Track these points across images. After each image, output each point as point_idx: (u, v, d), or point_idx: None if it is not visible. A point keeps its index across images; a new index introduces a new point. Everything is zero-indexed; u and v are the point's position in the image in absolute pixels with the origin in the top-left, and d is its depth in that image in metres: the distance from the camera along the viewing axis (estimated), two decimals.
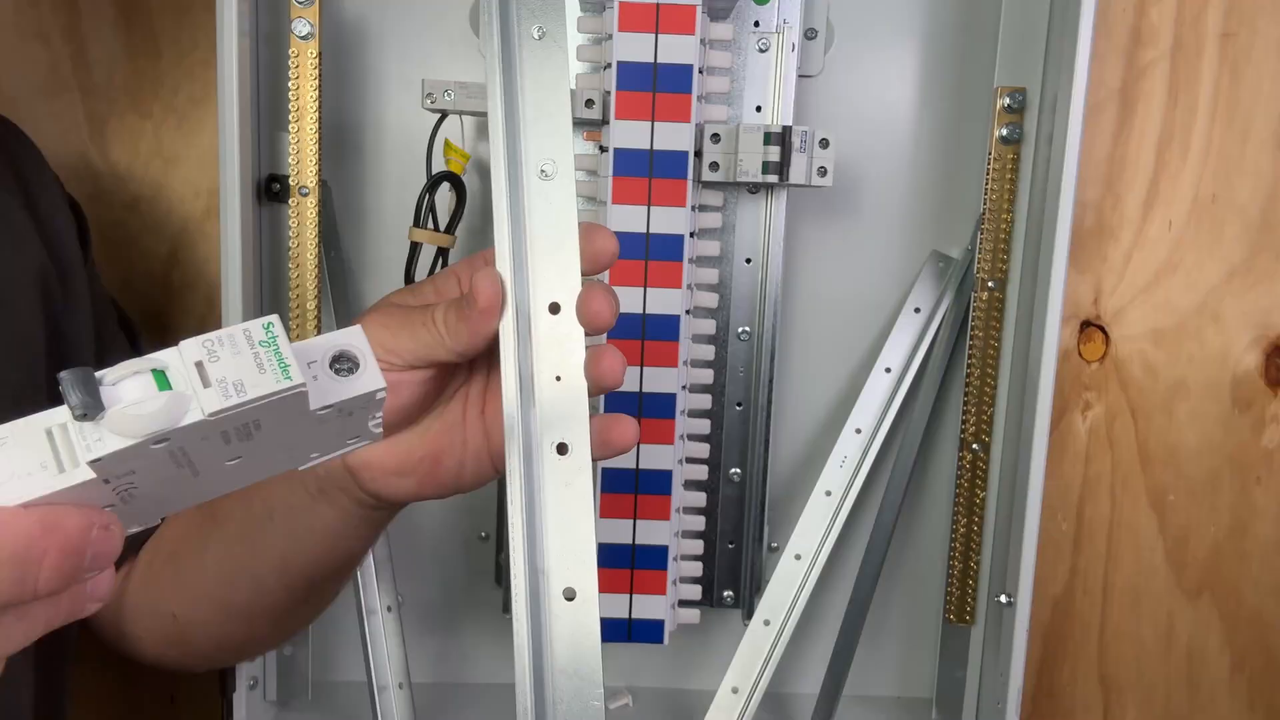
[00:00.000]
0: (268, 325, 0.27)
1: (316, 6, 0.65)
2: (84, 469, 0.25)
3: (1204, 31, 0.71)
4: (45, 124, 0.67)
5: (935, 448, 0.75)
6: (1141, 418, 0.75)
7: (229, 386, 0.26)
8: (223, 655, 0.62)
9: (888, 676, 0.79)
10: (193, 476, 0.28)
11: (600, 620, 0.66)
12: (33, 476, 0.25)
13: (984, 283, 0.70)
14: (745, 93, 0.66)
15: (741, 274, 0.68)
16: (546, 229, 0.40)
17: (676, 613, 0.69)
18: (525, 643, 0.37)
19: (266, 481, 0.45)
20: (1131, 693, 0.78)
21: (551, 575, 0.38)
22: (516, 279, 0.40)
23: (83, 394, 0.24)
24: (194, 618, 0.54)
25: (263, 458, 0.30)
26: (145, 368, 0.25)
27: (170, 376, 0.26)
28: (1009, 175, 0.69)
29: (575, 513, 0.39)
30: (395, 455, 0.44)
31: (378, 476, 0.45)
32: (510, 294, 0.39)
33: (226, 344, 0.26)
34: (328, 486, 0.46)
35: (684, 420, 0.67)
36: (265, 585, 0.51)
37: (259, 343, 0.27)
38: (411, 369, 0.42)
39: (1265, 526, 0.75)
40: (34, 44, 0.66)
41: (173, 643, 0.56)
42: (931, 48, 0.71)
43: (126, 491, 0.27)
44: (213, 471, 0.29)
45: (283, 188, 0.69)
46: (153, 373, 0.26)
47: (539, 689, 0.38)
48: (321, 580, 0.52)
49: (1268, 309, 0.73)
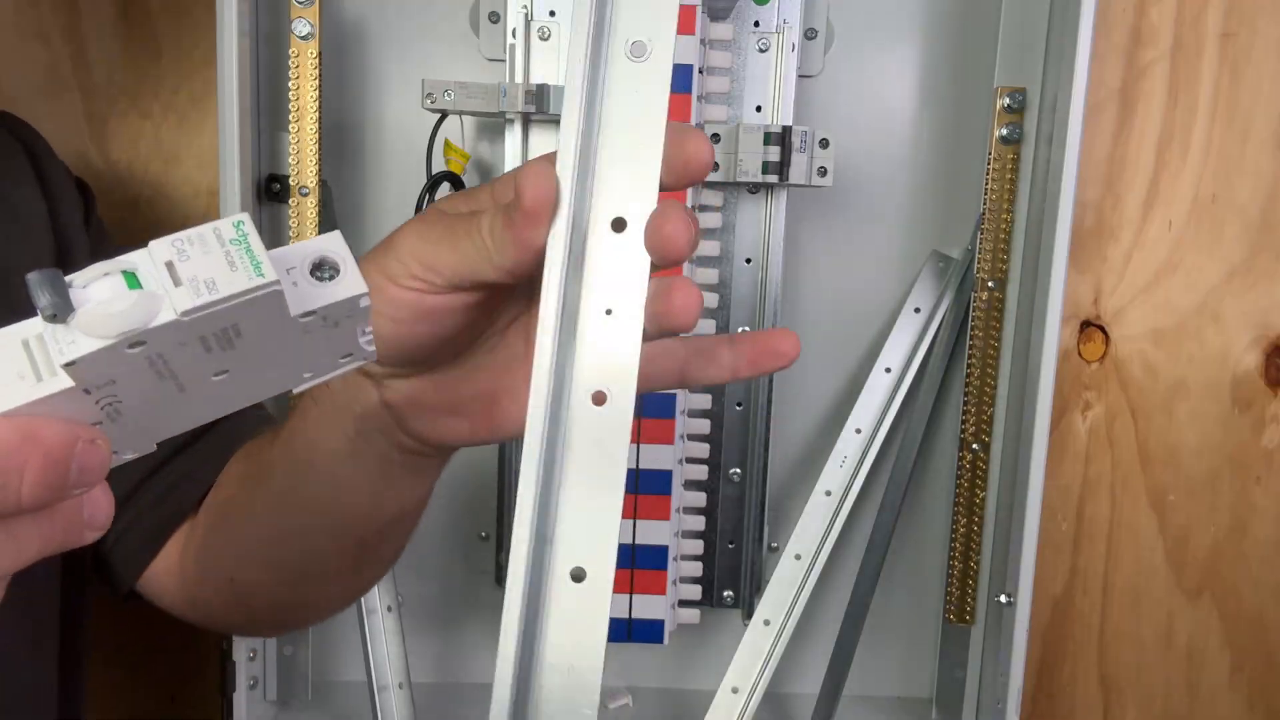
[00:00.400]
0: (238, 223, 0.26)
1: (316, 6, 0.65)
2: (62, 377, 0.25)
3: (1204, 31, 0.71)
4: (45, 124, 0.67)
5: (935, 448, 0.75)
6: (1141, 418, 0.75)
7: (200, 285, 0.25)
8: (286, 618, 0.59)
9: (888, 676, 0.79)
10: (179, 392, 0.27)
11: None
12: (9, 387, 0.25)
13: (984, 283, 0.70)
14: (745, 93, 0.66)
15: (741, 274, 0.68)
16: (626, 123, 0.32)
17: (676, 613, 0.69)
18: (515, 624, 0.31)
19: (307, 427, 0.43)
20: (1131, 693, 0.78)
21: (559, 548, 0.31)
22: (579, 183, 0.32)
23: (51, 294, 0.24)
24: (249, 580, 0.52)
25: (251, 375, 0.29)
26: (115, 269, 0.25)
27: (140, 276, 0.25)
28: (1009, 175, 0.69)
29: (602, 478, 0.32)
30: (441, 392, 0.39)
31: (423, 415, 0.40)
32: (567, 200, 0.32)
33: (196, 243, 0.26)
34: (366, 428, 0.41)
35: (684, 420, 0.67)
36: (314, 544, 0.48)
37: (230, 241, 0.26)
38: (454, 290, 0.35)
39: (1265, 526, 0.75)
40: (34, 44, 0.66)
41: (235, 607, 0.54)
42: (931, 48, 0.71)
43: (111, 407, 0.26)
44: (199, 387, 0.28)
45: (283, 187, 0.69)
46: (123, 273, 0.25)
47: (521, 683, 0.31)
48: (373, 538, 0.48)
49: (1268, 309, 0.73)
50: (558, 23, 0.66)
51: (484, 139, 0.71)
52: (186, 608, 0.55)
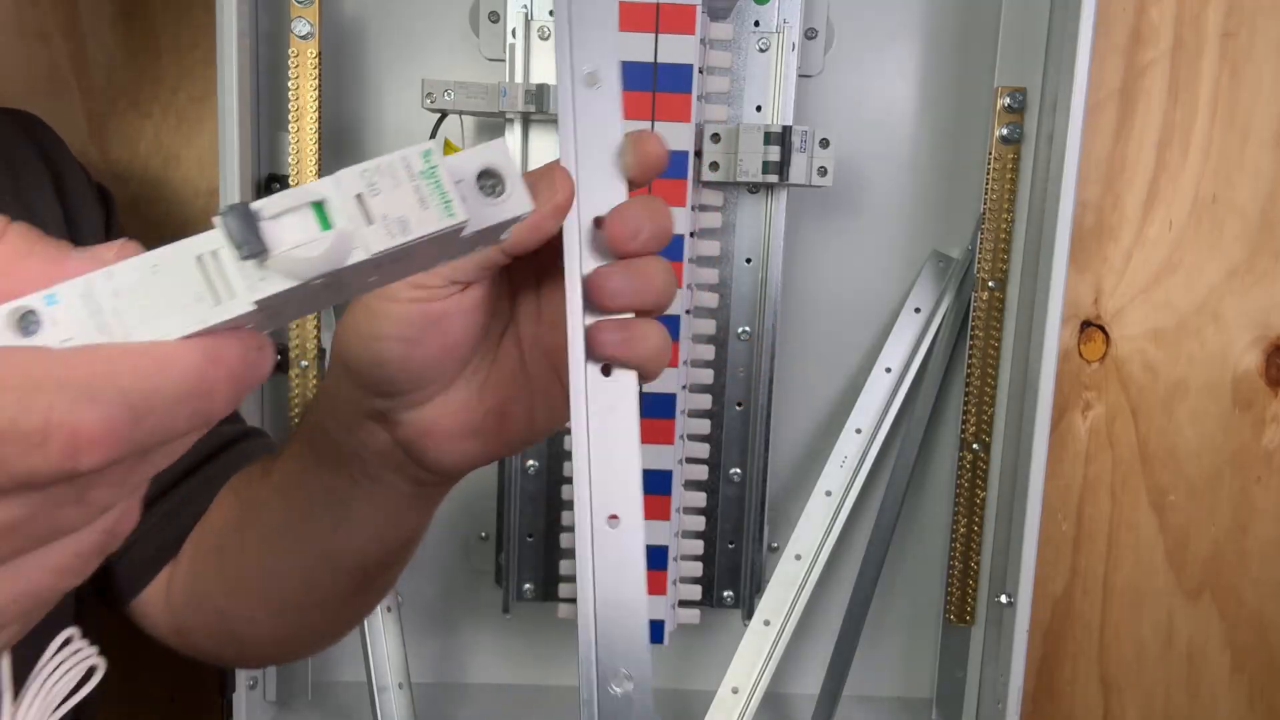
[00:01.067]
0: (426, 154, 0.25)
1: (316, 6, 0.65)
2: (242, 301, 0.24)
3: (1204, 31, 0.71)
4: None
5: (935, 448, 0.75)
6: (1142, 418, 0.75)
7: (392, 224, 0.25)
8: (277, 651, 0.59)
9: (888, 677, 0.79)
10: (335, 294, 0.28)
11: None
12: (189, 309, 0.24)
13: (984, 283, 0.70)
14: (745, 92, 0.66)
15: (741, 274, 0.68)
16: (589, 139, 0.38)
17: (677, 613, 0.69)
18: (588, 574, 0.36)
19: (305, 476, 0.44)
20: (1131, 692, 0.78)
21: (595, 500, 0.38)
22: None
23: (244, 233, 0.24)
24: (240, 612, 0.52)
25: (399, 272, 0.29)
26: (303, 201, 0.24)
27: (329, 211, 0.25)
28: (1009, 175, 0.69)
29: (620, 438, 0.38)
30: (455, 415, 0.40)
31: (439, 442, 0.40)
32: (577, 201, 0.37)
33: (386, 174, 0.25)
34: (375, 471, 0.42)
35: (684, 420, 0.67)
36: (314, 578, 0.48)
37: (419, 173, 0.25)
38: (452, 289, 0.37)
39: (1265, 526, 0.75)
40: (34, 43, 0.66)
41: (225, 640, 0.54)
42: (932, 48, 0.71)
43: (270, 310, 0.27)
44: (351, 288, 0.29)
45: (283, 187, 0.69)
46: (312, 206, 0.25)
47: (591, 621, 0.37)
48: (375, 570, 0.48)
49: (1268, 309, 0.73)
50: None
51: (484, 138, 0.71)
52: (174, 636, 0.55)
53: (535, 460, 0.69)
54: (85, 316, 0.24)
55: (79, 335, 0.24)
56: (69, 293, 0.24)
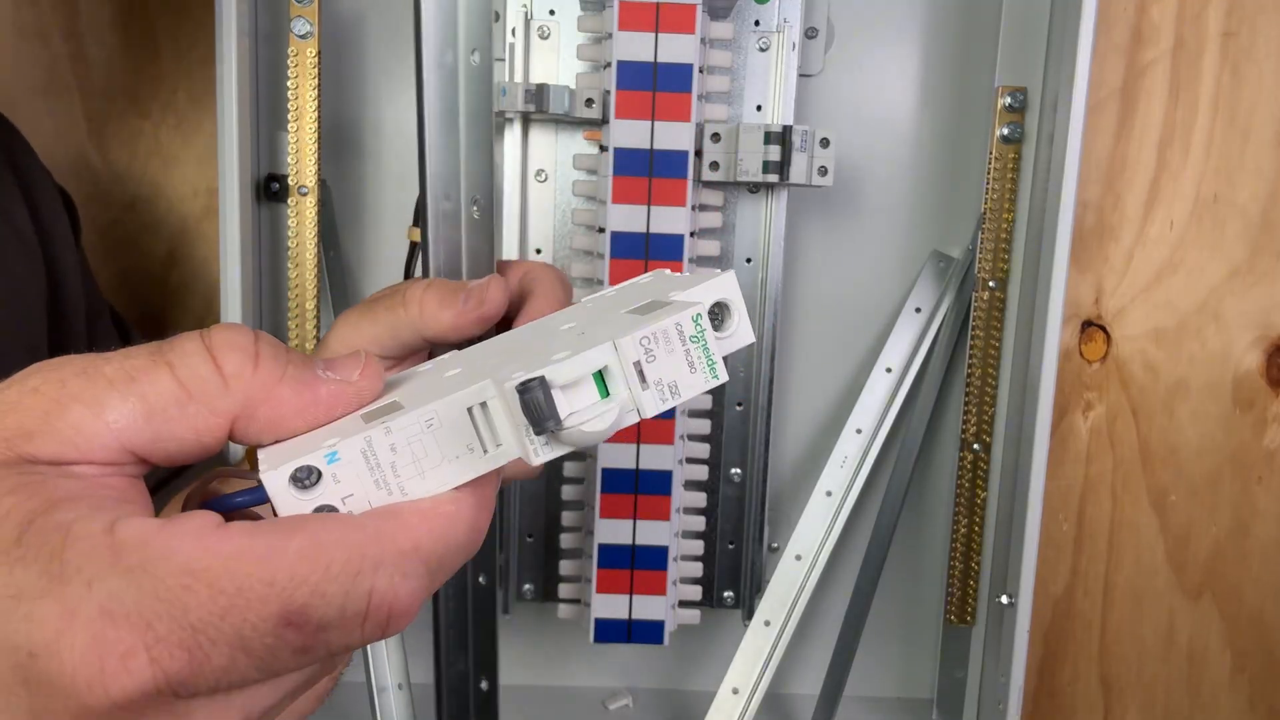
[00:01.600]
0: (697, 319, 0.26)
1: (315, 5, 0.65)
2: (509, 449, 0.25)
3: (1205, 30, 0.70)
4: (44, 123, 0.67)
5: (936, 448, 0.75)
6: (1143, 418, 0.74)
7: (665, 389, 0.26)
8: None
9: (888, 677, 0.79)
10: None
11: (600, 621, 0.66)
12: (460, 459, 0.25)
13: (985, 282, 0.70)
14: (745, 92, 0.66)
15: (741, 274, 0.68)
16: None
17: (677, 613, 0.69)
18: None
19: None
20: (1132, 693, 0.78)
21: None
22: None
23: (547, 411, 0.24)
24: None
25: None
26: (588, 371, 0.25)
27: (609, 380, 0.25)
28: (1010, 174, 0.69)
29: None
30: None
31: None
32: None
33: (661, 342, 0.26)
34: None
35: (684, 420, 0.67)
36: None
37: (690, 338, 0.26)
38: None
39: (1266, 527, 0.75)
40: (33, 43, 0.66)
41: None
42: (932, 47, 0.71)
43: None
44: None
45: (282, 187, 0.69)
46: (595, 378, 0.25)
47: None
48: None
49: (1269, 309, 0.72)
50: (557, 21, 0.66)
51: None
52: None
53: None
54: (364, 472, 0.25)
55: (358, 492, 0.25)
56: (349, 451, 0.25)
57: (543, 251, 0.68)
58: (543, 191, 0.68)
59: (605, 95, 0.63)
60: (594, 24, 0.63)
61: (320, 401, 0.26)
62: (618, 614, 0.67)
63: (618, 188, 0.63)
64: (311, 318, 0.69)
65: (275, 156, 0.69)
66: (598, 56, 0.64)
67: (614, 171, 0.63)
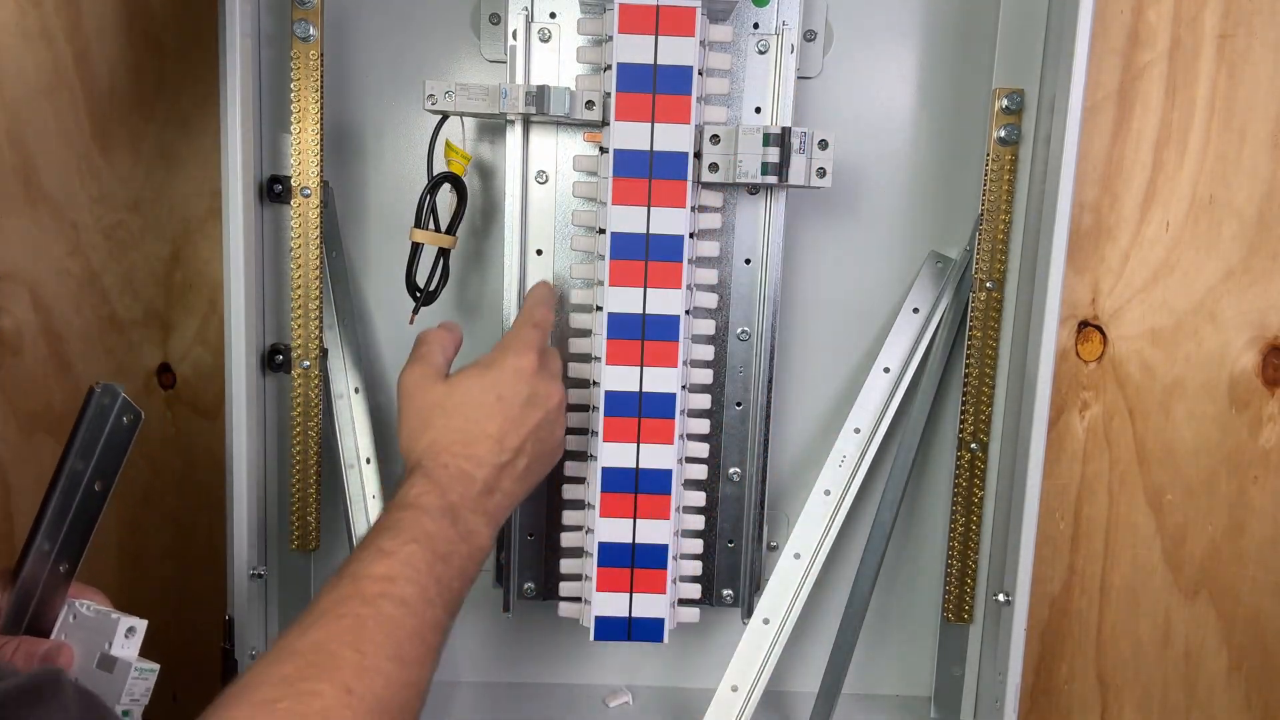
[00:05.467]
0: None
1: (318, 9, 0.66)
2: None
3: (1201, 33, 0.71)
4: (48, 124, 0.67)
5: (934, 447, 0.75)
6: (1139, 417, 0.75)
7: None
8: None
9: (887, 675, 0.79)
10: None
11: (600, 619, 0.66)
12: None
13: (982, 283, 0.71)
14: (745, 94, 0.67)
15: (741, 274, 0.69)
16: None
17: (676, 611, 0.69)
18: None
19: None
20: (1129, 691, 0.78)
21: None
22: None
23: None
24: None
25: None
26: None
27: None
28: (1007, 176, 0.70)
29: None
30: None
31: None
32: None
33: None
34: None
35: (684, 420, 0.67)
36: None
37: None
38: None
39: (1262, 526, 0.75)
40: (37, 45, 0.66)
41: None
42: (930, 49, 0.71)
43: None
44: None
45: (285, 188, 0.70)
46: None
47: None
48: None
49: (1264, 309, 0.73)
50: (558, 24, 0.66)
51: (485, 140, 0.72)
52: None
53: None
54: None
55: None
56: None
57: (543, 252, 0.68)
58: (543, 193, 0.68)
59: (605, 97, 0.63)
60: (594, 27, 0.64)
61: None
62: (618, 612, 0.67)
63: (618, 189, 0.63)
64: (314, 318, 0.70)
65: (278, 158, 0.70)
66: (598, 59, 0.64)
67: (614, 173, 0.63)
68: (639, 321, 0.64)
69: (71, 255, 0.69)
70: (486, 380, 0.59)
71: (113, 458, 0.52)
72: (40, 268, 0.67)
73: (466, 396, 0.59)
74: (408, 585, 0.51)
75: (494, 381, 0.59)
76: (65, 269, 0.69)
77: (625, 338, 0.65)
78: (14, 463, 0.67)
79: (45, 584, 0.51)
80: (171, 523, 0.78)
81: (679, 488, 0.67)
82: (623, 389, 0.65)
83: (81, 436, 0.51)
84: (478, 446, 0.57)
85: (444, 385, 0.59)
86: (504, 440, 0.58)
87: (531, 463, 0.60)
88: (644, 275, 0.64)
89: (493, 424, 0.58)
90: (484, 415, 0.58)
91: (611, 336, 0.65)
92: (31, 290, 0.67)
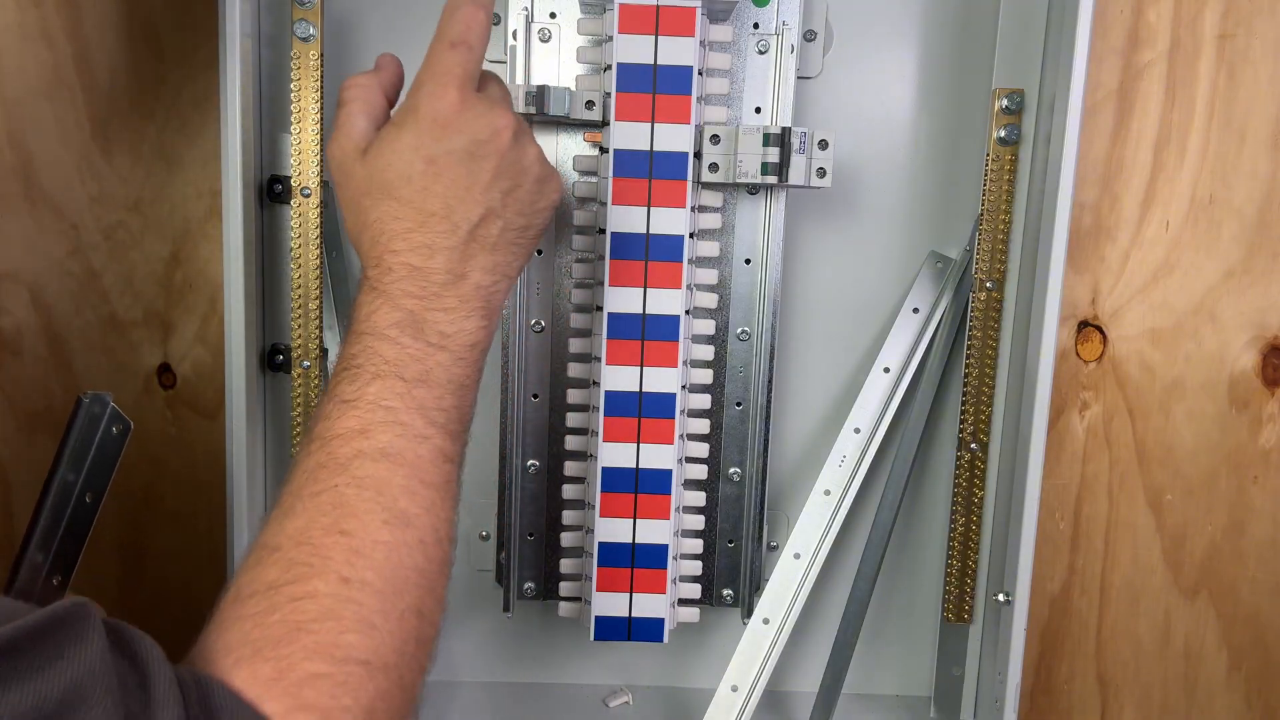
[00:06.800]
0: None
1: (318, 8, 0.66)
2: None
3: (1201, 33, 0.71)
4: (48, 124, 0.67)
5: (934, 447, 0.75)
6: (1139, 417, 0.75)
7: None
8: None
9: (886, 675, 0.79)
10: None
11: (600, 618, 0.66)
12: None
13: (982, 283, 0.71)
14: (745, 94, 0.67)
15: (741, 274, 0.69)
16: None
17: (676, 611, 0.69)
18: None
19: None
20: (1129, 691, 0.78)
21: None
22: None
23: None
24: None
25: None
26: None
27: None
28: (1007, 176, 0.70)
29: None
30: None
31: None
32: None
33: None
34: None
35: (684, 420, 0.67)
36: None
37: None
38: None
39: (1262, 526, 0.75)
40: (37, 45, 0.66)
41: None
42: (930, 49, 0.71)
43: None
44: None
45: (284, 189, 0.70)
46: None
47: None
48: None
49: (1264, 309, 0.73)
50: (558, 24, 0.66)
51: None
52: None
53: (536, 460, 0.70)
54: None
55: None
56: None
57: (543, 253, 0.68)
58: None
59: (605, 97, 0.63)
60: (594, 27, 0.64)
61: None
62: (618, 612, 0.68)
63: (618, 189, 0.63)
64: (314, 318, 0.70)
65: (278, 158, 0.70)
66: (598, 59, 0.64)
67: (614, 173, 0.63)
68: (639, 321, 0.65)
69: (71, 255, 0.70)
70: (403, 143, 0.47)
71: (103, 468, 0.50)
72: (40, 268, 0.67)
73: (388, 171, 0.47)
74: (384, 432, 0.43)
75: (414, 142, 0.46)
76: (65, 269, 0.69)
77: (625, 338, 0.65)
78: (14, 463, 0.67)
79: (39, 597, 0.51)
80: (171, 523, 0.78)
81: (679, 488, 0.67)
82: (623, 389, 0.65)
83: (71, 447, 0.49)
84: (422, 231, 0.46)
85: (364, 164, 0.48)
86: (453, 213, 0.47)
87: (511, 218, 0.49)
88: (644, 275, 0.64)
89: (432, 197, 0.46)
90: (417, 189, 0.46)
91: (611, 336, 0.65)
92: (31, 290, 0.67)
